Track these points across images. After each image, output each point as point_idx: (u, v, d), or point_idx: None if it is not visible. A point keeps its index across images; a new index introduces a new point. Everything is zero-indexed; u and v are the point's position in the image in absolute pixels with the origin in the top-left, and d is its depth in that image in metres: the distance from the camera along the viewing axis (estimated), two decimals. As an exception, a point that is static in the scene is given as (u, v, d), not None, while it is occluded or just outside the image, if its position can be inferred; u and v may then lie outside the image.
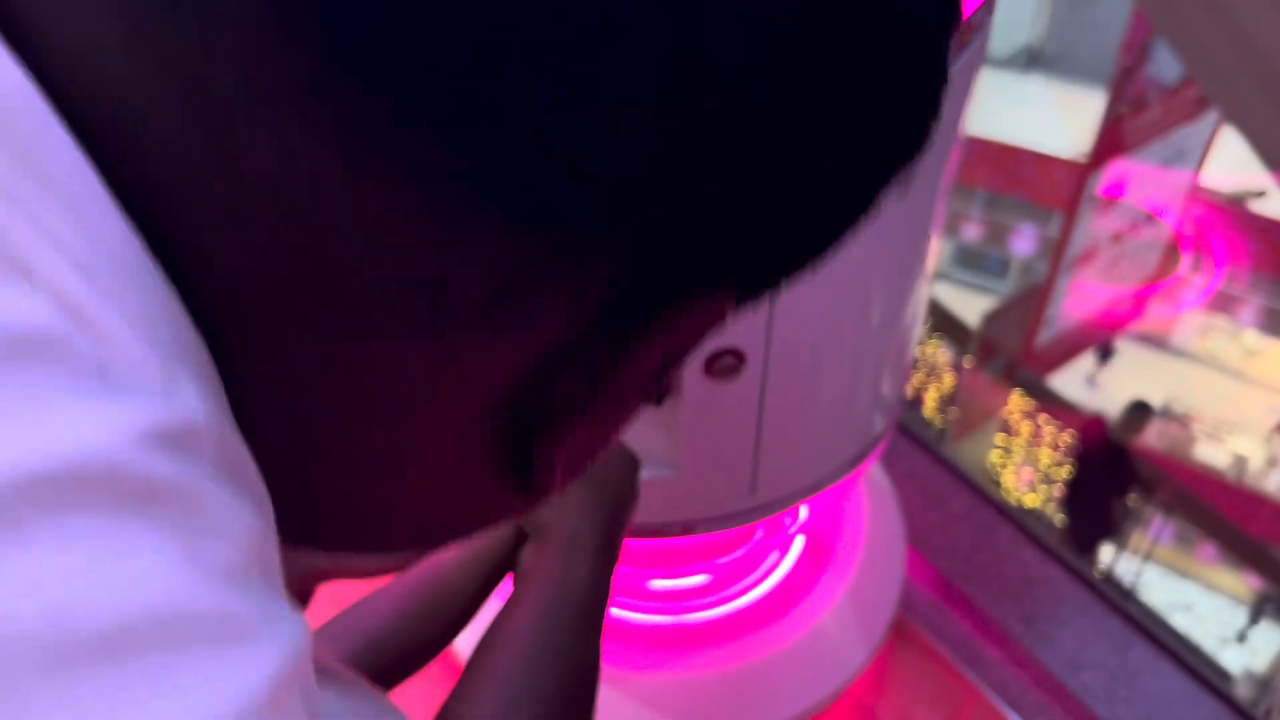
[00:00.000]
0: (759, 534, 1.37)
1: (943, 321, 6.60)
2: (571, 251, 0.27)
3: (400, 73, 0.23)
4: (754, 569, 1.44)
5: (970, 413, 6.61)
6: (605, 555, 0.67)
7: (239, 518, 0.23)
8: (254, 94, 0.23)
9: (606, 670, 1.33)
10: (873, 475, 1.52)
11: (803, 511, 1.38)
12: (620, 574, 0.81)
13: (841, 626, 1.39)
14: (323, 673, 0.29)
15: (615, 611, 1.39)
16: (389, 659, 0.67)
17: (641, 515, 1.02)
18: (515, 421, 0.31)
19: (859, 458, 1.06)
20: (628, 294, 0.29)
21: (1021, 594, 1.48)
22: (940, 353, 6.63)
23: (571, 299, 0.28)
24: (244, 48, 0.23)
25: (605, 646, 1.24)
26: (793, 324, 0.86)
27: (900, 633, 1.48)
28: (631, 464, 0.74)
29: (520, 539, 0.69)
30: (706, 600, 1.41)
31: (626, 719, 1.30)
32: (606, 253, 0.28)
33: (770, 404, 0.91)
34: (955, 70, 0.80)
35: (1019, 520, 1.56)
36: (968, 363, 6.05)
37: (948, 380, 6.78)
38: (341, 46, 0.23)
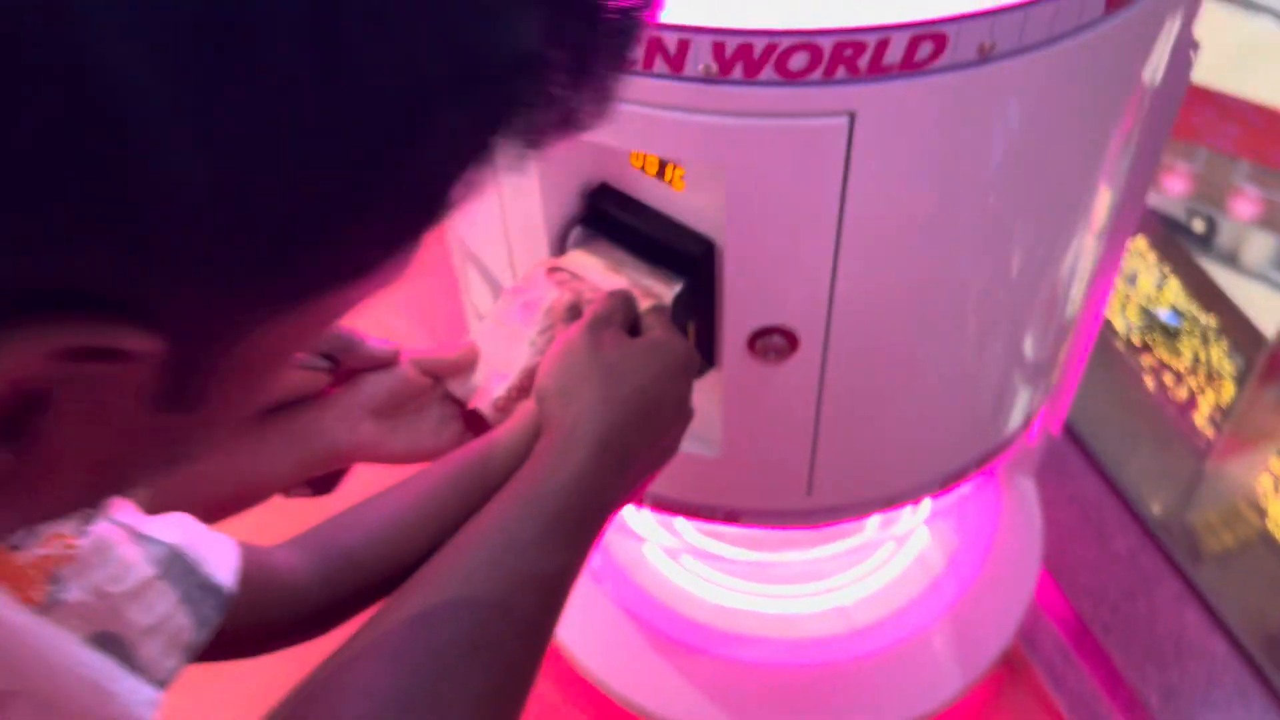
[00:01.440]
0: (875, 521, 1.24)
1: (1235, 324, 5.92)
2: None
3: None
4: (862, 561, 1.30)
5: (1246, 430, 5.94)
6: (608, 456, 0.57)
7: None
8: None
9: (669, 642, 1.25)
10: (1019, 487, 1.34)
11: (926, 505, 1.23)
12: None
13: (936, 650, 1.24)
14: None
15: (702, 583, 1.30)
16: (369, 575, 0.60)
17: (682, 491, 0.91)
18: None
19: (951, 477, 0.91)
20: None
21: (1169, 662, 1.27)
22: (1225, 360, 5.97)
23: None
24: None
25: (675, 618, 1.16)
26: (860, 306, 0.73)
27: (1015, 670, 1.31)
28: (671, 359, 0.64)
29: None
30: (804, 590, 1.30)
31: (679, 697, 1.21)
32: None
33: (830, 396, 0.78)
34: (1127, 17, 0.63)
35: (1190, 576, 1.34)
36: (1254, 375, 5.41)
37: (1228, 390, 6.11)
38: None
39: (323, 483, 0.70)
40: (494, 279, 0.87)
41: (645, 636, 1.25)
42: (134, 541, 0.50)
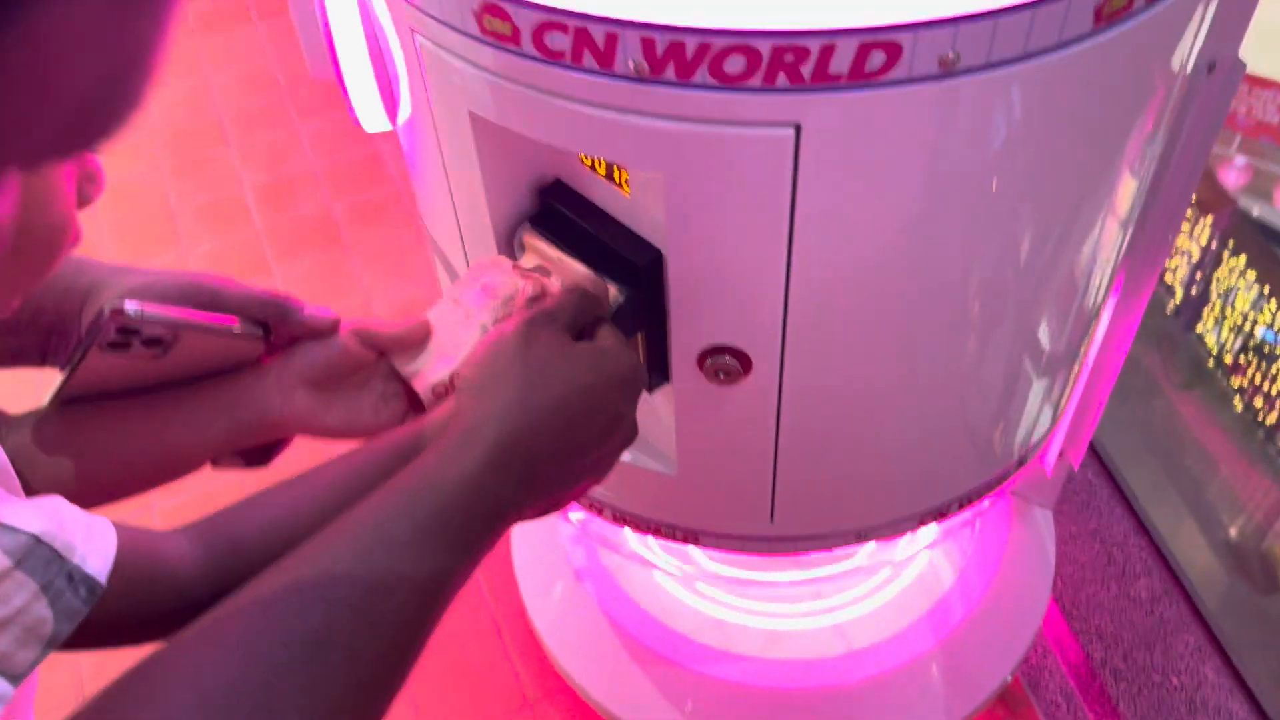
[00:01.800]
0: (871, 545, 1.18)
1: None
2: None
3: None
4: (855, 585, 1.24)
5: (1334, 459, 5.66)
6: (508, 463, 0.53)
7: None
8: None
9: (651, 654, 1.20)
10: (1033, 519, 1.26)
11: (927, 532, 1.16)
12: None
13: (930, 678, 1.18)
14: None
15: (678, 594, 1.25)
16: (256, 570, 0.57)
17: (641, 507, 0.87)
18: None
19: (931, 513, 0.85)
20: None
21: (1180, 718, 1.19)
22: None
23: None
24: None
25: (661, 629, 1.10)
26: (818, 331, 0.67)
27: (1013, 709, 1.24)
28: (611, 372, 0.58)
29: None
30: (797, 610, 1.24)
31: (639, 703, 1.17)
32: None
33: (789, 423, 0.73)
34: (1122, 32, 0.56)
35: (1217, 630, 1.25)
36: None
37: (1317, 413, 5.82)
38: None
39: (256, 455, 0.67)
40: (455, 271, 0.83)
41: (626, 645, 1.21)
42: None
